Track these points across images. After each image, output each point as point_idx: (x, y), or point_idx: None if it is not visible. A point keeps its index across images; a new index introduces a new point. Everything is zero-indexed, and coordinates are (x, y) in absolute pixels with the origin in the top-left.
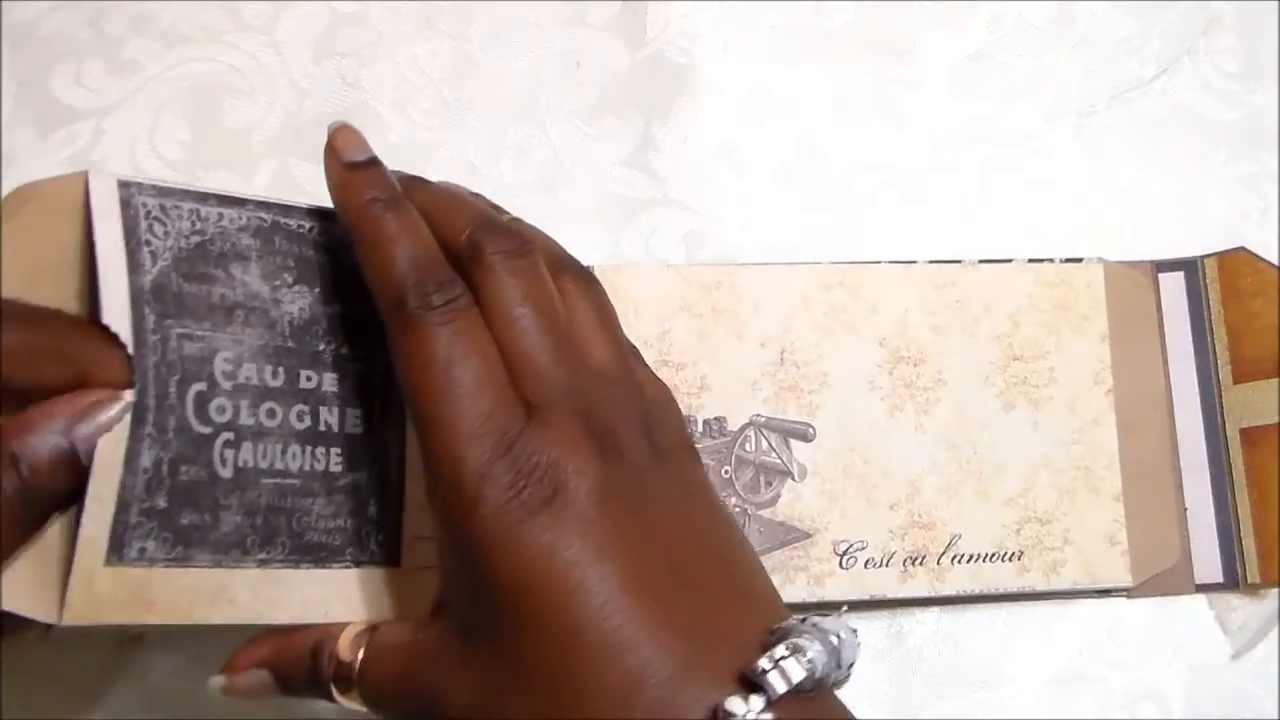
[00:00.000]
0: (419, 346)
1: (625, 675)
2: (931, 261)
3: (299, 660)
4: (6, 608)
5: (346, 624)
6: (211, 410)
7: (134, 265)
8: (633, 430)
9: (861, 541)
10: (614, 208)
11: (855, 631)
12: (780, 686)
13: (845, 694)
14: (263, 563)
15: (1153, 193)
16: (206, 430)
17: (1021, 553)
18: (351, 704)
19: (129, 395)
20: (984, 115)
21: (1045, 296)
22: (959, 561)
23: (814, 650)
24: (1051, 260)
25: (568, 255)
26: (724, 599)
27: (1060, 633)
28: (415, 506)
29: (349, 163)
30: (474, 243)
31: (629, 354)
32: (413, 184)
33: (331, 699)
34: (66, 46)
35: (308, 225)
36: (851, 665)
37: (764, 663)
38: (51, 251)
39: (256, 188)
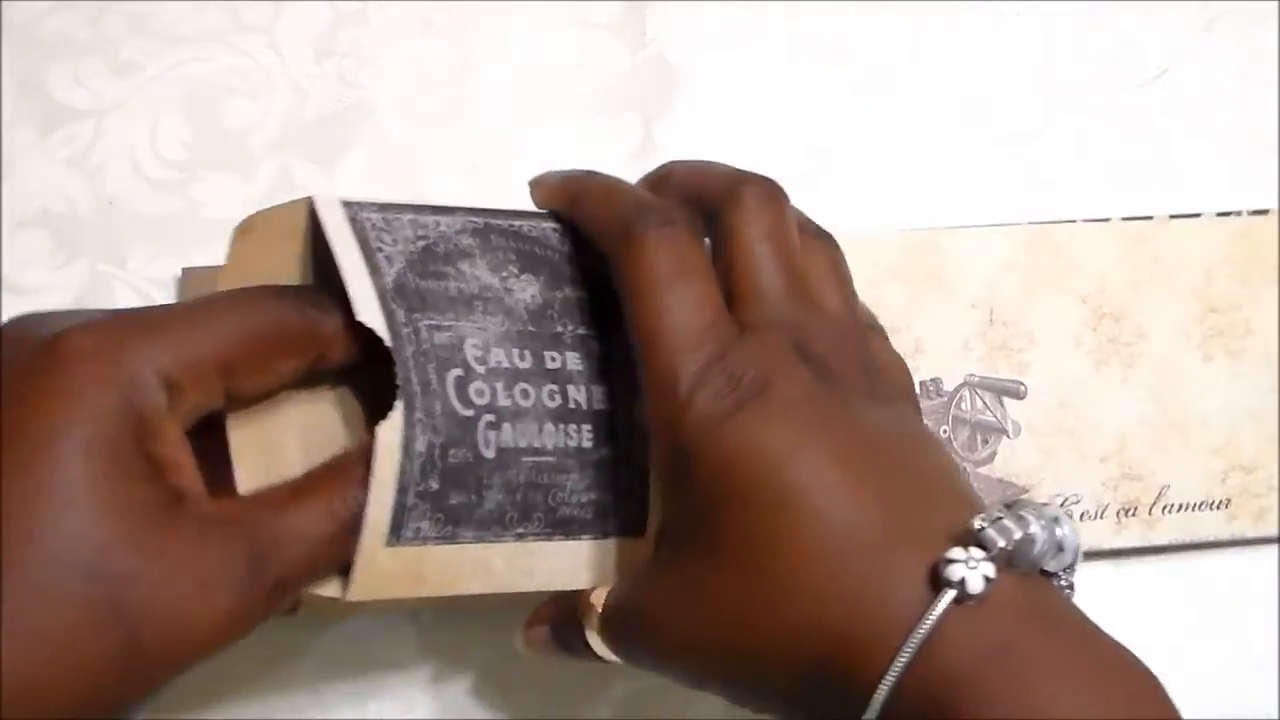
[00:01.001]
0: (643, 266)
1: (837, 540)
2: (1125, 219)
3: (569, 613)
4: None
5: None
6: (471, 393)
7: (373, 269)
8: (850, 366)
9: (1076, 495)
10: None
11: (1078, 534)
12: (1000, 541)
13: None
14: (520, 536)
15: (1151, 194)
16: (469, 413)
17: (1229, 500)
18: (607, 652)
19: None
20: (984, 115)
21: (1237, 249)
22: (1169, 511)
23: (1035, 524)
24: (1239, 213)
25: (814, 222)
26: (937, 491)
27: None
28: (659, 477)
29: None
30: (732, 182)
31: (863, 313)
32: (674, 162)
33: (591, 651)
34: (66, 46)
35: (516, 223)
36: (1073, 565)
37: (981, 521)
38: (271, 270)
39: (257, 188)
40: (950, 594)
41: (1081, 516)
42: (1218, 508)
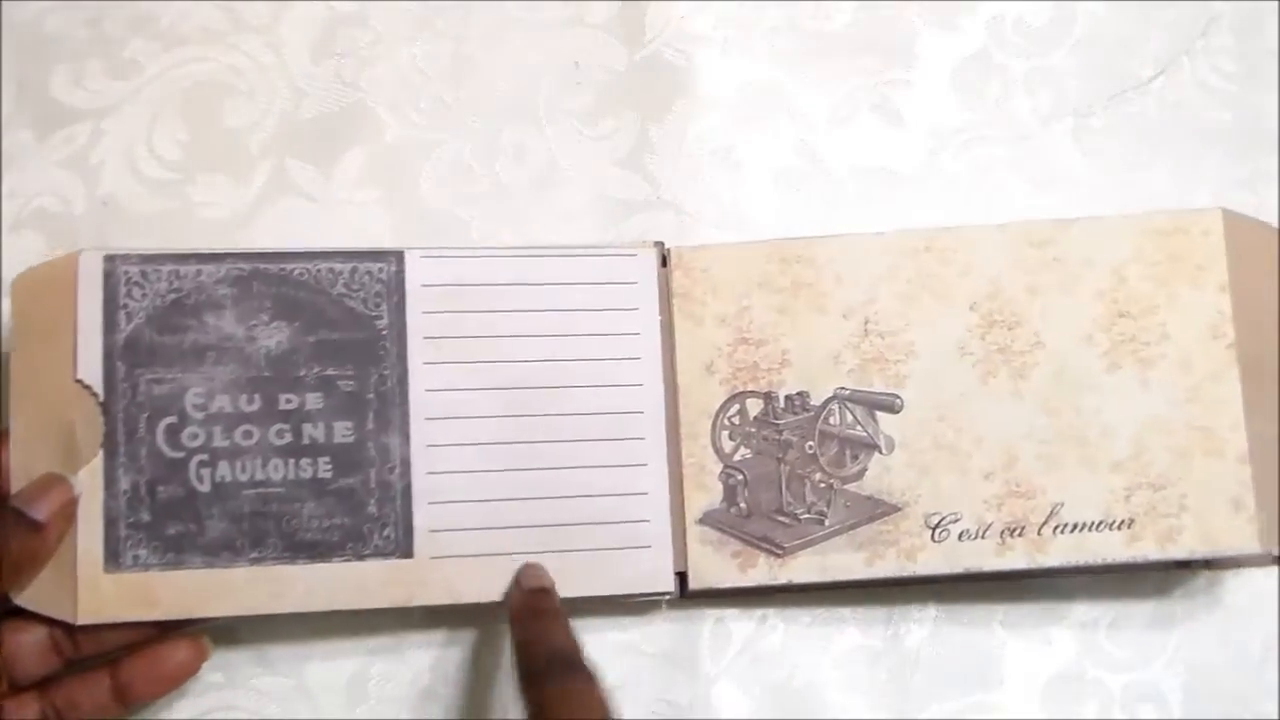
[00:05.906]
0: None
1: None
2: (1027, 221)
3: None
4: (36, 610)
5: None
6: (184, 438)
7: (109, 327)
8: None
9: (955, 513)
10: (608, 209)
11: None
12: None
13: (847, 695)
14: (255, 561)
15: (1150, 193)
16: (179, 455)
17: (1132, 520)
18: None
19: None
20: (982, 116)
21: (1156, 247)
22: (1062, 531)
23: None
24: (1153, 212)
25: None
26: None
27: (1059, 633)
28: (427, 501)
29: (529, 589)
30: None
31: None
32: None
33: None
34: (66, 46)
35: (289, 268)
36: None
37: None
38: (62, 325)
39: (254, 187)
40: None
41: (960, 536)
42: (1118, 528)
